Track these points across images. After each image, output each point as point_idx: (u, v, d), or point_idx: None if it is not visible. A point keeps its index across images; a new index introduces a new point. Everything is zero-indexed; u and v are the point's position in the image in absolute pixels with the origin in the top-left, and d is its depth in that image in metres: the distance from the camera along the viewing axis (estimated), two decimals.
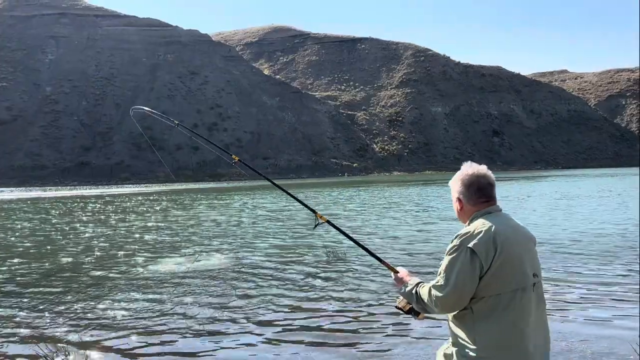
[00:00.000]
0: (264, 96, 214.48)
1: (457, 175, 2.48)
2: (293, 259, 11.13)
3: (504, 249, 2.16)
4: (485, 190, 2.38)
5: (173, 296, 7.98)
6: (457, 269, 2.17)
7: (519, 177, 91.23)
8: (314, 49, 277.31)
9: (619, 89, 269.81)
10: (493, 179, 2.44)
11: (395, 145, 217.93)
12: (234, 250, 12.71)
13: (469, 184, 2.41)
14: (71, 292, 8.47)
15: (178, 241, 15.00)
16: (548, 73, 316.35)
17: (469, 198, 2.39)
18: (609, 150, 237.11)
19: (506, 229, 2.24)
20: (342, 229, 3.04)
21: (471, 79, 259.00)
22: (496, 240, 2.17)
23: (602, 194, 32.13)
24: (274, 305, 7.22)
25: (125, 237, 16.64)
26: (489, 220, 2.25)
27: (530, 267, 2.23)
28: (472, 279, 2.15)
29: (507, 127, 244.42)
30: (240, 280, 9.05)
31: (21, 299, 8.11)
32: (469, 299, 2.19)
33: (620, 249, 11.13)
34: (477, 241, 2.16)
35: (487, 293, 2.16)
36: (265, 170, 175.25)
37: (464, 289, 2.16)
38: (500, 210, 2.37)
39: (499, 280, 2.16)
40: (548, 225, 16.22)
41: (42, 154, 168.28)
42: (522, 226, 2.34)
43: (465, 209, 2.40)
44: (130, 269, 10.50)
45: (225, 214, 24.80)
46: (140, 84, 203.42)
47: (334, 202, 33.21)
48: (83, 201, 45.11)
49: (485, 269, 2.15)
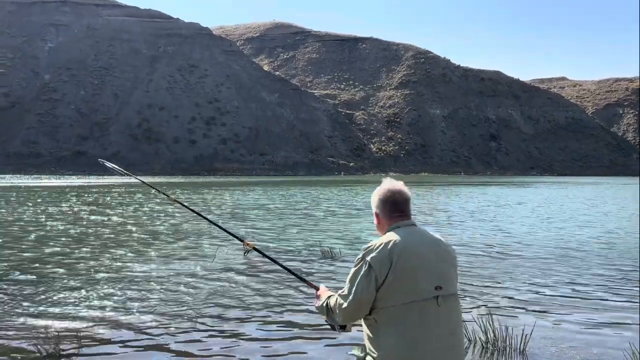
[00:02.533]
0: (263, 92, 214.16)
1: (376, 191, 2.58)
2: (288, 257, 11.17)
3: (398, 263, 2.26)
4: (399, 205, 2.49)
5: (167, 292, 8.02)
6: (357, 281, 2.31)
7: (509, 182, 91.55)
8: (315, 47, 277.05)
9: (617, 97, 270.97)
10: (408, 195, 2.54)
11: (392, 146, 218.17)
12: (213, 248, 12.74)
13: (384, 199, 2.51)
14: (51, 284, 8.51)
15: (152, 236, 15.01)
16: (547, 79, 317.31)
17: (384, 213, 2.51)
18: (604, 158, 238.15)
19: (407, 243, 2.32)
20: (267, 255, 3.19)
21: (470, 83, 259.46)
22: (391, 255, 2.27)
23: (591, 202, 32.36)
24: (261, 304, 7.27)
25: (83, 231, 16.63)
26: (396, 233, 2.37)
27: (431, 279, 2.29)
28: (368, 291, 2.27)
29: (505, 132, 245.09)
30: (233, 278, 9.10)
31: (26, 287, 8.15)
32: (367, 309, 2.32)
33: (613, 255, 11.26)
34: (374, 254, 2.29)
35: (385, 304, 2.27)
36: (262, 167, 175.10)
37: (362, 300, 2.29)
38: (412, 224, 2.47)
39: (395, 292, 2.25)
40: (537, 230, 16.36)
41: (39, 141, 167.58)
42: (433, 240, 2.42)
43: (382, 223, 2.52)
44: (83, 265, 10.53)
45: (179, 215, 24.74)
46: (139, 75, 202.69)
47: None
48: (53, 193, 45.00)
49: (381, 282, 2.26)
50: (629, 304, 7.26)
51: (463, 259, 11.08)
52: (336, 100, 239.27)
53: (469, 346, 5.54)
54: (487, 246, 13.09)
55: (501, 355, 5.33)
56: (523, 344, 5.37)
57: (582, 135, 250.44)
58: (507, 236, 15.15)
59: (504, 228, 17.48)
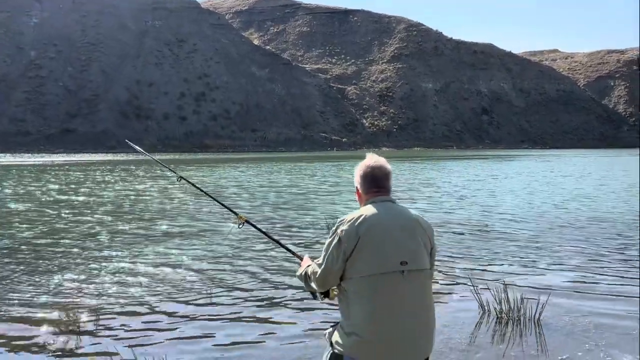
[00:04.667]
0: (253, 67, 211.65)
1: (357, 166, 2.65)
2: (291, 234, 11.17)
3: (365, 236, 2.37)
4: (378, 181, 2.57)
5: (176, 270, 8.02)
6: (328, 252, 2.45)
7: (496, 155, 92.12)
8: (305, 20, 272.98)
9: (609, 70, 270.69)
10: (388, 170, 2.60)
11: (385, 120, 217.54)
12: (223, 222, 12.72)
13: (364, 175, 2.59)
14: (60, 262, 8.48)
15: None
16: (539, 52, 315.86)
17: (363, 188, 2.60)
18: (595, 131, 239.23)
19: (376, 218, 2.42)
20: (259, 227, 3.33)
21: (462, 56, 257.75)
22: (359, 228, 2.38)
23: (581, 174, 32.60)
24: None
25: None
26: (369, 208, 2.48)
27: (397, 254, 2.38)
28: (338, 262, 2.41)
29: (496, 105, 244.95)
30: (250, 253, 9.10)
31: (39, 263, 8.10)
32: (337, 279, 2.46)
33: (620, 227, 11.38)
34: (344, 227, 2.41)
35: (352, 274, 2.39)
36: (254, 143, 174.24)
37: (331, 270, 2.44)
38: (388, 200, 2.55)
39: (361, 264, 2.37)
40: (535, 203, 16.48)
41: (27, 119, 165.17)
42: (406, 216, 2.50)
43: (362, 197, 2.62)
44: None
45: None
46: (127, 51, 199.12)
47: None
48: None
49: (349, 254, 2.38)
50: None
51: (468, 234, 11.15)
52: (328, 75, 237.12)
53: (483, 317, 5.58)
54: (496, 219, 13.17)
55: (516, 324, 5.37)
56: (537, 313, 5.41)
57: (574, 108, 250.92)
58: (510, 209, 15.24)
59: (503, 201, 17.59)
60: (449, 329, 5.23)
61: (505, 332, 5.23)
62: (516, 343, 4.92)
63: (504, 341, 4.99)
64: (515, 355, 4.63)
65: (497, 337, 5.11)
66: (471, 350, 4.72)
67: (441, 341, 4.91)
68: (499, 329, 5.30)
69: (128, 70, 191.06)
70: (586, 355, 4.57)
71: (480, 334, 5.15)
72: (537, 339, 5.01)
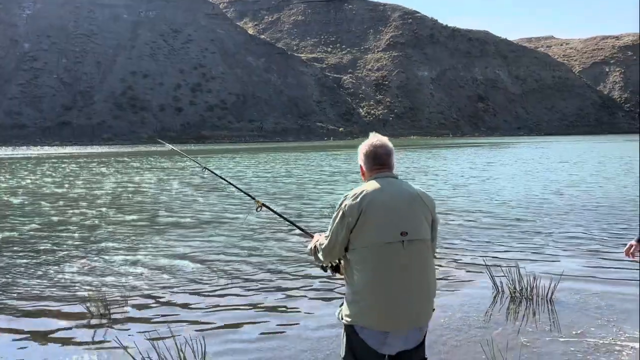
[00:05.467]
0: (249, 57, 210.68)
1: (361, 145, 2.78)
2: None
3: (367, 210, 2.51)
4: (380, 158, 2.69)
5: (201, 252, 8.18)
6: (334, 225, 2.60)
7: (492, 143, 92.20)
8: (300, 9, 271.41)
9: (604, 56, 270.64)
10: (390, 149, 2.72)
11: (381, 109, 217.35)
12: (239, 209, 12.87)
13: (367, 153, 2.72)
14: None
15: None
16: (534, 39, 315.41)
17: (366, 165, 2.73)
18: (591, 117, 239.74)
19: (378, 192, 2.57)
20: (274, 209, 3.44)
21: (458, 43, 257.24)
22: (362, 202, 2.53)
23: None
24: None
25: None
26: (372, 184, 2.62)
27: (397, 225, 2.51)
28: (342, 234, 2.56)
29: (492, 92, 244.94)
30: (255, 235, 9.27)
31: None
32: (342, 250, 2.62)
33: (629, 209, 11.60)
34: (348, 202, 2.56)
35: (356, 245, 2.54)
36: (251, 133, 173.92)
37: (336, 242, 2.59)
38: (390, 175, 2.68)
39: (363, 235, 2.51)
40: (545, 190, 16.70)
41: (22, 112, 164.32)
42: (406, 190, 2.63)
43: (366, 175, 2.75)
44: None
45: None
46: (122, 42, 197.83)
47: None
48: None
49: (352, 226, 2.53)
50: None
51: (474, 220, 11.35)
52: (323, 64, 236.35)
53: (497, 296, 5.79)
54: (499, 205, 13.37)
55: (529, 303, 5.57)
56: (550, 293, 5.62)
57: (569, 95, 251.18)
58: (513, 195, 15.46)
59: (504, 188, 17.79)
60: (466, 307, 5.43)
61: (519, 310, 5.43)
62: (531, 320, 5.13)
63: (519, 318, 5.20)
64: (531, 330, 4.83)
65: (512, 314, 5.32)
66: (489, 327, 4.92)
67: (459, 319, 5.12)
68: (513, 308, 5.50)
69: (123, 61, 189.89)
70: (599, 330, 4.77)
71: (496, 312, 5.36)
72: (550, 315, 5.22)
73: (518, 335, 4.70)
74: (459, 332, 4.80)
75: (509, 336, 4.67)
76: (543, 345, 4.49)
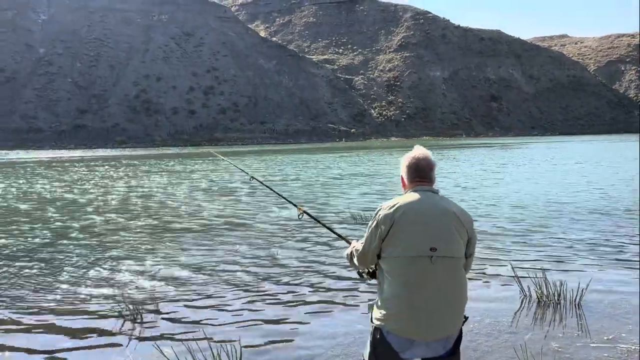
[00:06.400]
0: (261, 59, 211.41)
1: (404, 156, 2.84)
2: None
3: (399, 221, 2.59)
4: (422, 171, 2.76)
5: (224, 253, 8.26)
6: (368, 233, 2.71)
7: (505, 143, 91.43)
8: (311, 10, 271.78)
9: (619, 54, 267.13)
10: (432, 163, 2.78)
11: (393, 110, 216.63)
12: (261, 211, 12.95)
13: (409, 164, 2.79)
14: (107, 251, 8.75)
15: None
16: (548, 38, 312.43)
17: (407, 177, 2.80)
18: (606, 116, 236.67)
19: (413, 205, 2.64)
20: (315, 217, 3.61)
21: (470, 43, 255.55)
22: (394, 214, 2.61)
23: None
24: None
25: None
26: (409, 196, 2.69)
27: (427, 240, 2.56)
28: (374, 243, 2.66)
29: (505, 92, 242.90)
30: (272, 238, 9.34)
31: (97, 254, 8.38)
32: (374, 257, 2.71)
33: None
34: (383, 212, 2.65)
35: (387, 255, 2.63)
36: (263, 135, 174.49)
37: (369, 250, 2.70)
38: (429, 190, 2.72)
39: (393, 246, 2.59)
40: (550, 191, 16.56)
41: (38, 116, 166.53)
42: (442, 206, 2.65)
43: (406, 186, 2.82)
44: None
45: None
46: (135, 45, 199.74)
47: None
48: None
49: (384, 236, 2.61)
50: None
51: (496, 224, 11.30)
52: (335, 66, 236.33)
53: (524, 300, 5.78)
54: (537, 205, 13.31)
55: (556, 308, 5.56)
56: (578, 297, 5.60)
57: (584, 94, 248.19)
58: (531, 198, 15.36)
59: (522, 190, 17.68)
60: (494, 312, 5.44)
61: (547, 315, 5.42)
62: (560, 325, 5.12)
63: (548, 323, 5.19)
64: (562, 336, 4.83)
65: (541, 319, 5.31)
66: (519, 332, 4.93)
67: (489, 324, 5.13)
68: (541, 312, 5.49)
69: (136, 64, 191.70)
70: (630, 336, 4.75)
71: (524, 317, 5.36)
72: (579, 321, 5.20)
73: (549, 341, 4.70)
74: (489, 337, 4.82)
75: (540, 342, 4.67)
76: (575, 351, 4.48)
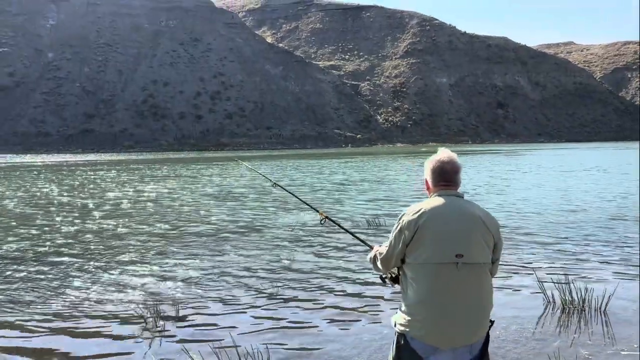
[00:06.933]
0: (267, 65, 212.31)
1: (428, 159, 2.76)
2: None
3: (423, 227, 2.52)
4: (446, 175, 2.68)
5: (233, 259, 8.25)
6: (392, 238, 2.65)
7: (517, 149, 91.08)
8: (318, 17, 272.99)
9: (625, 61, 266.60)
10: (457, 166, 2.70)
11: (399, 116, 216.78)
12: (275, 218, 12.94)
13: (434, 168, 2.70)
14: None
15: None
16: (554, 45, 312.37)
17: (432, 180, 2.72)
18: (612, 123, 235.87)
19: (437, 210, 2.57)
20: (337, 222, 3.63)
21: (477, 50, 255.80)
22: (418, 219, 2.54)
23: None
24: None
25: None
26: (434, 200, 2.63)
27: (452, 246, 2.50)
28: (398, 248, 2.60)
29: (512, 99, 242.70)
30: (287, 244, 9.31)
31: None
32: (397, 262, 2.66)
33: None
34: (407, 217, 2.58)
35: (411, 260, 2.57)
36: (269, 141, 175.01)
37: (393, 254, 2.64)
38: (454, 194, 2.65)
39: (417, 252, 2.53)
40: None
41: (46, 120, 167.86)
42: (468, 211, 2.59)
43: (431, 190, 2.74)
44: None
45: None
46: (142, 51, 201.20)
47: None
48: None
49: (408, 241, 2.55)
50: None
51: (517, 229, 11.24)
52: (341, 72, 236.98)
53: (548, 307, 5.72)
54: (556, 212, 13.24)
55: (581, 315, 5.49)
56: (604, 304, 5.54)
57: (590, 101, 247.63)
58: (549, 204, 15.27)
59: (537, 196, 17.59)
60: (520, 319, 5.37)
61: (573, 321, 5.35)
62: (587, 332, 5.04)
63: (574, 330, 5.12)
64: (590, 343, 4.76)
65: (567, 326, 5.24)
66: (547, 339, 4.86)
67: (515, 331, 5.07)
68: (566, 319, 5.42)
69: (144, 70, 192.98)
70: None
71: (550, 324, 5.29)
72: (605, 328, 5.13)
73: (578, 348, 4.63)
74: (516, 344, 4.76)
75: (569, 349, 4.61)
76: (606, 358, 4.43)
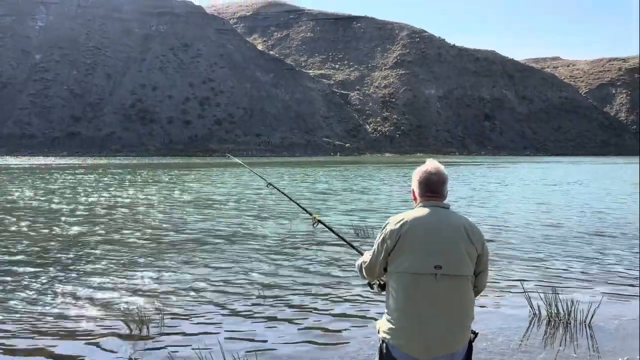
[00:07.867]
0: (258, 72, 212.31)
1: (416, 170, 2.78)
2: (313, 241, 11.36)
3: (404, 237, 2.55)
4: (433, 185, 2.69)
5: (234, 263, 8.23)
6: (376, 246, 2.69)
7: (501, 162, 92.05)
8: (309, 26, 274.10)
9: (610, 77, 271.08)
10: (444, 177, 2.71)
11: (388, 126, 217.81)
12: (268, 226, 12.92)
13: (420, 179, 2.72)
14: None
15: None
16: (541, 59, 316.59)
17: (418, 191, 2.74)
18: (597, 138, 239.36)
19: (419, 221, 2.59)
20: (329, 225, 3.65)
21: (465, 63, 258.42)
22: (400, 229, 2.57)
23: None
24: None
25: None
26: (418, 211, 2.65)
27: (431, 257, 2.52)
28: (380, 257, 2.65)
29: (499, 112, 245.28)
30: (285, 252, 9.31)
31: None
32: (381, 271, 2.70)
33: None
34: (389, 227, 2.62)
35: (392, 270, 2.61)
36: (257, 148, 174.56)
37: (375, 263, 2.69)
38: (438, 205, 2.66)
39: (398, 261, 2.57)
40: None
41: (32, 122, 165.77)
42: (451, 223, 2.59)
43: (417, 200, 2.76)
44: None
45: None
46: (132, 55, 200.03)
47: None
48: None
49: (390, 250, 2.59)
50: None
51: (505, 241, 11.35)
52: (331, 81, 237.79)
53: (534, 319, 5.80)
54: (542, 225, 13.38)
55: (566, 328, 5.59)
56: (589, 317, 5.63)
57: (576, 115, 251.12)
58: (536, 217, 15.44)
59: (522, 209, 17.78)
60: (506, 330, 5.45)
61: (558, 334, 5.45)
62: (572, 345, 5.13)
63: (560, 343, 5.21)
64: (575, 356, 4.84)
65: (552, 339, 5.33)
66: (533, 352, 4.94)
67: (502, 342, 5.14)
68: (552, 332, 5.51)
69: (133, 74, 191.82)
70: None
71: (536, 336, 5.37)
72: (591, 341, 5.23)
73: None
74: (503, 355, 4.82)
75: None
76: None
